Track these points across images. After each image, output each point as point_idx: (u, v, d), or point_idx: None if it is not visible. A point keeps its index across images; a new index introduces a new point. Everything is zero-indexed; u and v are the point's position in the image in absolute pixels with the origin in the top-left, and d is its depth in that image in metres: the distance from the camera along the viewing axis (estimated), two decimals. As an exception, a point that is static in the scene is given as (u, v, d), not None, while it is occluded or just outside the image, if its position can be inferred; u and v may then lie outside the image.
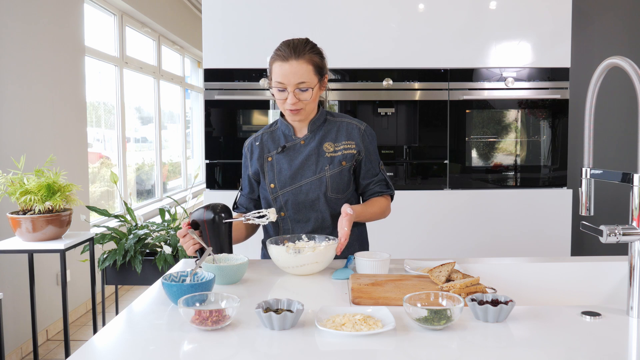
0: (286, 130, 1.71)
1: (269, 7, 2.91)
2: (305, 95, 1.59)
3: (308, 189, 1.66)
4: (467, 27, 2.95)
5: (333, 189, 1.67)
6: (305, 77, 1.57)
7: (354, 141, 1.68)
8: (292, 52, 1.56)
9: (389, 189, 1.76)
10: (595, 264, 1.52)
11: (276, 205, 1.69)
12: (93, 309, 2.73)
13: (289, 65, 1.55)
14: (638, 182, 1.11)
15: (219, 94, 2.95)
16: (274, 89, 1.61)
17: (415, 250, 2.93)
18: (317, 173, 1.66)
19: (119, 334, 1.08)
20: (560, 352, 0.96)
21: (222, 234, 1.50)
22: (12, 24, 2.98)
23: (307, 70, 1.57)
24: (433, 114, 2.99)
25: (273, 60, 1.60)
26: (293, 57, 1.56)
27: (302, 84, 1.57)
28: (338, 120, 1.71)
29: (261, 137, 1.75)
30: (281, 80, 1.57)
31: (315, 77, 1.59)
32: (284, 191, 1.68)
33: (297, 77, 1.56)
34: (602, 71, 1.18)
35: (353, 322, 1.03)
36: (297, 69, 1.55)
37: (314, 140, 1.68)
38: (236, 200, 1.81)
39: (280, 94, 1.60)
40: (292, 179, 1.67)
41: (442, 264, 1.35)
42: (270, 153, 1.71)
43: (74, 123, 3.66)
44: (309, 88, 1.58)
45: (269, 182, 1.69)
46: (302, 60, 1.56)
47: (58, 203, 2.42)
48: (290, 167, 1.68)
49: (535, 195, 3.00)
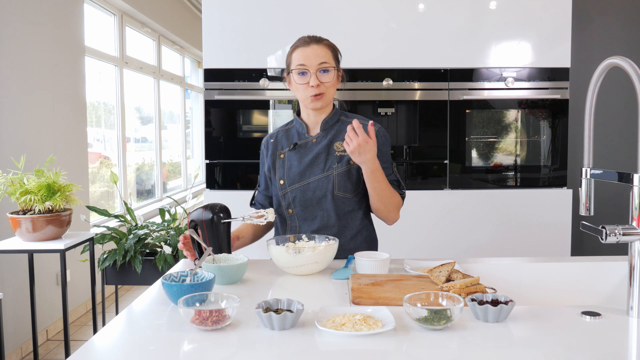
0: (300, 129, 1.74)
1: (269, 7, 2.91)
2: (326, 77, 1.63)
3: (315, 186, 1.68)
4: (467, 27, 2.95)
5: (340, 187, 1.67)
6: (327, 58, 1.64)
7: None
8: (312, 39, 1.65)
9: (401, 189, 1.72)
10: (595, 264, 1.52)
11: (284, 201, 1.71)
12: (93, 309, 2.73)
13: (311, 48, 1.63)
14: (638, 182, 1.11)
15: (219, 94, 2.95)
16: (295, 74, 1.65)
17: (415, 250, 2.93)
18: (325, 171, 1.68)
19: (119, 334, 1.08)
20: (560, 352, 0.96)
21: (221, 234, 1.50)
22: (12, 24, 2.98)
23: (327, 52, 1.65)
24: (433, 114, 2.99)
25: (293, 50, 1.67)
26: (314, 42, 1.64)
27: (324, 64, 1.63)
28: (350, 121, 1.72)
29: (277, 134, 1.78)
30: (303, 62, 1.63)
31: (334, 62, 1.66)
32: (292, 188, 1.69)
33: (319, 57, 1.62)
34: (602, 71, 1.18)
35: (353, 322, 1.03)
36: (319, 51, 1.63)
37: (326, 139, 1.70)
38: (254, 195, 1.84)
39: (302, 78, 1.64)
40: (301, 175, 1.69)
41: (442, 264, 1.35)
42: (283, 150, 1.74)
43: (74, 123, 3.66)
44: (331, 68, 1.63)
45: (279, 178, 1.71)
46: (323, 45, 1.65)
47: (58, 203, 2.42)
48: (300, 164, 1.69)
49: (535, 195, 3.00)
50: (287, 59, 1.69)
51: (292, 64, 1.66)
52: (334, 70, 1.65)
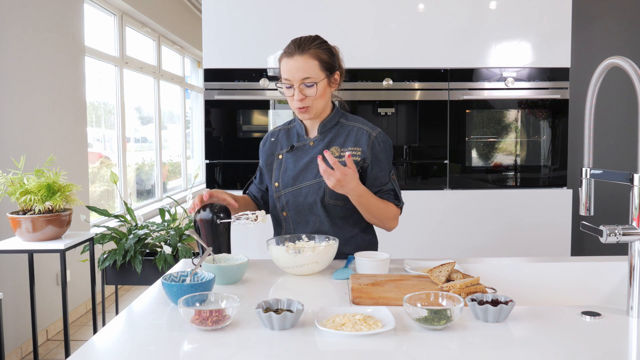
0: (300, 130, 1.71)
1: (269, 7, 2.91)
2: (310, 90, 1.57)
3: (307, 192, 1.65)
4: (467, 27, 2.95)
5: (331, 195, 1.63)
6: (310, 72, 1.56)
7: (361, 148, 1.63)
8: (297, 48, 1.57)
9: (397, 200, 1.66)
10: (595, 264, 1.52)
11: (279, 204, 1.69)
12: (93, 309, 2.73)
13: (294, 60, 1.56)
14: (638, 182, 1.11)
15: (219, 94, 2.95)
16: (283, 86, 1.60)
17: (415, 250, 2.93)
18: (317, 177, 1.63)
19: (119, 334, 1.08)
20: (560, 352, 0.96)
21: (220, 234, 1.50)
22: (12, 24, 2.98)
23: (311, 65, 1.56)
24: (433, 114, 2.99)
25: (280, 58, 1.62)
26: (297, 53, 1.56)
27: (306, 79, 1.56)
28: (350, 124, 1.68)
29: (278, 133, 1.76)
30: (287, 76, 1.58)
31: (321, 73, 1.58)
32: (286, 191, 1.67)
33: (301, 72, 1.56)
34: (602, 71, 1.18)
35: (353, 322, 1.03)
36: (302, 64, 1.55)
37: (323, 143, 1.66)
38: (248, 185, 1.84)
39: (288, 91, 1.60)
40: (294, 180, 1.66)
41: (442, 264, 1.35)
42: (282, 151, 1.71)
43: (74, 123, 3.66)
44: (314, 83, 1.57)
45: (274, 180, 1.70)
46: (307, 56, 1.56)
47: (58, 203, 2.42)
48: (294, 168, 1.67)
49: (535, 195, 3.00)
50: (278, 65, 1.65)
51: (281, 74, 1.62)
52: (322, 81, 1.58)
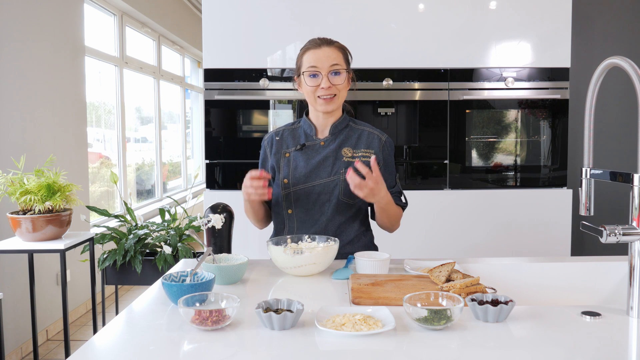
0: (308, 130, 1.72)
1: (269, 7, 2.91)
2: (338, 79, 1.64)
3: (321, 189, 1.66)
4: (467, 27, 2.95)
5: (346, 193, 1.66)
6: (338, 60, 1.64)
7: (373, 150, 1.70)
8: (323, 41, 1.65)
9: (402, 201, 1.75)
10: (595, 264, 1.52)
11: (285, 201, 1.69)
12: (93, 309, 2.73)
13: (322, 50, 1.63)
14: (638, 182, 1.11)
15: (219, 94, 2.95)
16: (306, 76, 1.64)
17: (415, 250, 2.93)
18: (332, 175, 1.66)
19: (119, 334, 1.08)
20: (560, 352, 0.96)
21: (221, 234, 1.51)
22: (12, 24, 2.98)
23: (338, 55, 1.65)
24: (433, 114, 2.99)
25: (303, 52, 1.67)
26: (325, 45, 1.64)
27: (335, 65, 1.63)
28: (360, 128, 1.74)
29: (282, 132, 1.76)
30: (315, 63, 1.62)
31: (345, 65, 1.66)
32: (297, 188, 1.68)
33: (330, 59, 1.62)
34: (602, 71, 1.18)
35: (353, 322, 1.03)
36: (330, 53, 1.63)
37: (334, 143, 1.69)
38: None
39: (313, 80, 1.63)
40: (307, 177, 1.67)
41: (442, 264, 1.35)
42: (289, 149, 1.72)
43: (74, 123, 3.66)
44: (342, 70, 1.64)
45: (283, 177, 1.69)
46: (334, 47, 1.65)
47: (58, 203, 2.42)
48: (306, 166, 1.68)
49: (535, 195, 3.00)
50: (298, 61, 1.69)
51: (303, 66, 1.65)
52: (345, 72, 1.65)
